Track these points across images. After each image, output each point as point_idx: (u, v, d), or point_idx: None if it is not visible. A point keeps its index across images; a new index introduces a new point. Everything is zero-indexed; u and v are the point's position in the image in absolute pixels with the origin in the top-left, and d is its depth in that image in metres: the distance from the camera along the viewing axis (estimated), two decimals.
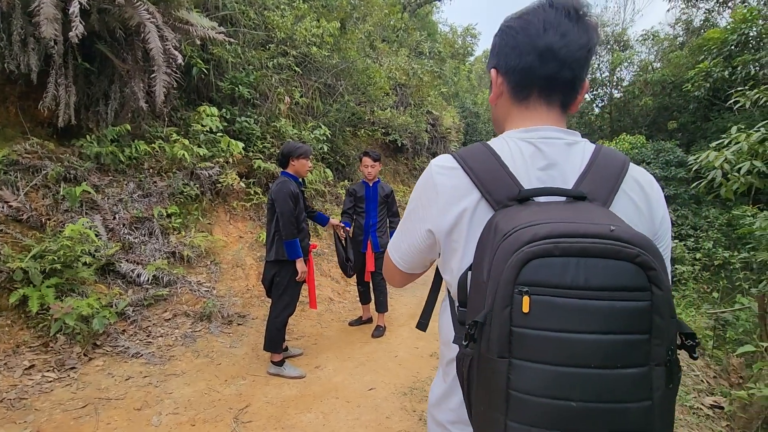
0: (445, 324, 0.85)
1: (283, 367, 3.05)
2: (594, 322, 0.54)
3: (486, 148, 0.76)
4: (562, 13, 0.73)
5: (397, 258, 0.91)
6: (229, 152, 5.08)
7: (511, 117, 0.82)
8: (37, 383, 2.54)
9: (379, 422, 2.56)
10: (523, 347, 0.56)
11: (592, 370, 0.54)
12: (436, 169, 0.79)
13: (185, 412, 2.49)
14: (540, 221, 0.59)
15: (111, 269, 3.64)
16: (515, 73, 0.78)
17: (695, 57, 10.67)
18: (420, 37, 12.84)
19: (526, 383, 0.55)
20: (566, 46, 0.73)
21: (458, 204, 0.74)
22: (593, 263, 0.55)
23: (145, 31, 3.77)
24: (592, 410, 0.54)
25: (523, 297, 0.55)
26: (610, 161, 0.74)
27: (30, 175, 3.59)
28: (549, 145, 0.75)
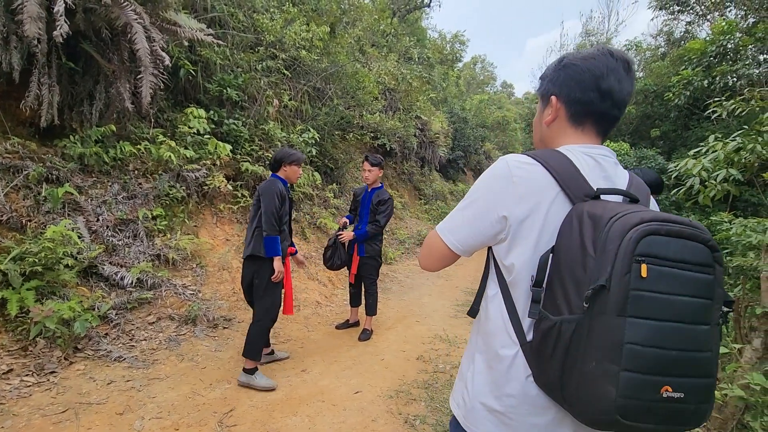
0: (495, 312, 0.95)
1: (254, 376, 2.90)
2: (689, 287, 0.71)
3: (560, 154, 0.91)
4: (621, 63, 0.91)
5: (453, 241, 0.98)
6: (216, 154, 5.05)
7: (567, 136, 0.98)
8: (15, 388, 2.48)
9: (365, 425, 2.56)
10: (639, 306, 0.69)
11: (686, 325, 0.71)
12: (515, 163, 0.90)
13: (169, 416, 2.46)
14: (637, 209, 0.75)
15: (94, 272, 3.58)
16: (577, 104, 0.95)
17: (676, 67, 10.98)
18: (409, 42, 12.95)
19: (640, 336, 0.69)
20: (620, 91, 0.91)
21: (538, 195, 0.87)
22: (684, 243, 0.72)
23: (131, 31, 3.74)
24: (683, 358, 0.71)
25: (641, 265, 0.69)
26: (641, 182, 0.97)
27: (10, 176, 3.52)
28: (604, 161, 0.93)
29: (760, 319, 2.77)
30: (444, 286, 6.26)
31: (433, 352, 3.79)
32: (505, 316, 0.92)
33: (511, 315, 0.91)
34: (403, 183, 12.25)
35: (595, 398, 0.71)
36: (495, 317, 0.94)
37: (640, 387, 0.68)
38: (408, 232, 9.65)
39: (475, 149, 17.34)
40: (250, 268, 3.00)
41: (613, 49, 0.93)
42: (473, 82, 28.05)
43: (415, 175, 12.86)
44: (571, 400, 0.77)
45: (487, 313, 0.97)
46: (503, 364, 0.90)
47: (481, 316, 1.01)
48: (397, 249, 8.35)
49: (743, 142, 3.62)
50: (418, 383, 3.17)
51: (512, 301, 0.91)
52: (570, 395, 0.77)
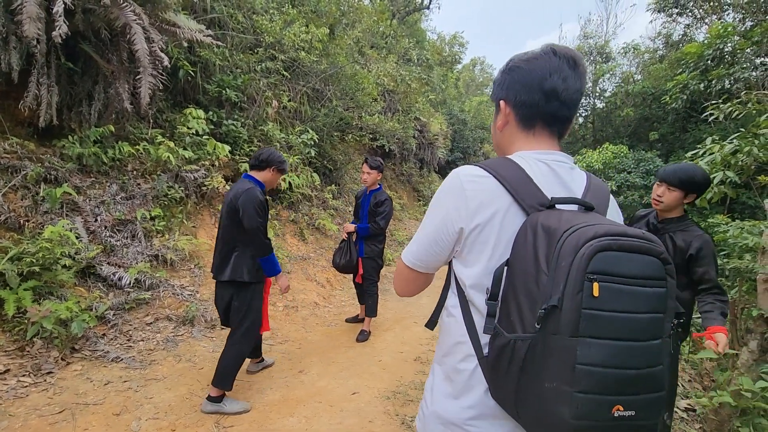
0: (454, 325, 0.93)
1: (222, 404, 2.55)
2: (641, 303, 0.70)
3: (512, 163, 0.90)
4: (564, 61, 0.89)
5: (412, 260, 0.98)
6: (215, 155, 5.05)
7: (519, 141, 0.97)
8: (12, 388, 2.48)
9: (362, 426, 2.56)
10: (591, 326, 0.67)
11: (641, 342, 0.70)
12: (465, 177, 0.90)
13: (166, 417, 2.46)
14: (590, 222, 0.73)
15: (91, 272, 3.57)
16: (523, 107, 0.93)
17: (674, 70, 11.04)
18: (408, 44, 12.98)
19: (592, 357, 0.67)
20: (566, 89, 0.89)
21: (490, 206, 0.86)
22: (638, 257, 0.70)
23: (131, 32, 3.74)
24: (641, 375, 0.70)
25: (593, 284, 0.67)
26: (599, 184, 0.95)
27: (9, 176, 3.52)
28: (559, 167, 0.91)
29: (756, 321, 2.79)
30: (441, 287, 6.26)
31: (430, 354, 3.79)
32: (464, 332, 0.90)
33: (469, 328, 0.90)
34: (401, 184, 12.27)
35: (549, 418, 0.71)
36: (454, 330, 0.93)
37: (593, 408, 0.68)
38: (407, 234, 9.66)
39: (474, 151, 17.38)
40: (228, 290, 2.59)
41: (558, 47, 0.91)
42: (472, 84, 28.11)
43: (414, 177, 12.88)
44: (526, 418, 0.77)
45: (448, 326, 0.96)
46: (462, 377, 0.89)
47: (442, 328, 1.00)
48: (396, 250, 8.35)
49: (740, 144, 3.64)
50: (416, 384, 3.17)
51: (470, 314, 0.90)
52: (525, 413, 0.76)
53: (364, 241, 4.00)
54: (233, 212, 2.54)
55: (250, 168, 2.79)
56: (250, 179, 2.69)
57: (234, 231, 2.57)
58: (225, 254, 2.58)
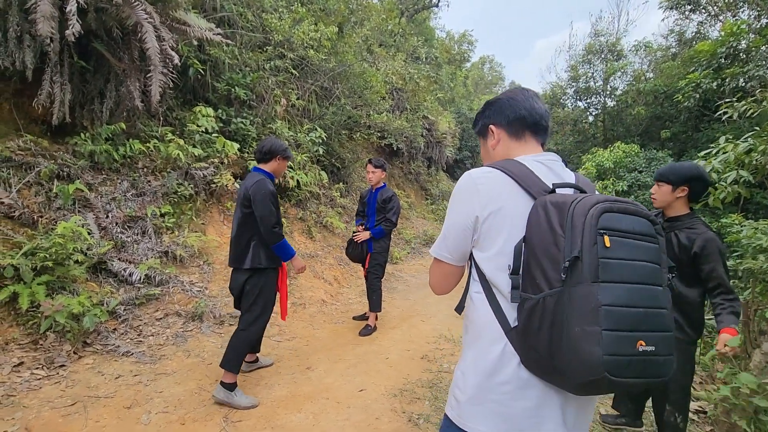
0: (480, 310, 1.04)
1: (233, 393, 2.61)
2: (642, 253, 0.87)
3: (515, 161, 1.07)
4: (530, 93, 1.17)
5: (444, 254, 1.12)
6: (224, 153, 5.09)
7: (513, 151, 1.14)
8: (26, 380, 2.53)
9: (369, 423, 2.57)
10: (608, 272, 0.82)
11: (647, 285, 0.86)
12: (477, 173, 1.06)
13: (175, 410, 2.49)
14: (589, 195, 0.91)
15: (103, 268, 3.62)
16: (513, 121, 1.14)
17: (687, 68, 10.86)
18: (417, 42, 12.94)
19: (612, 298, 0.81)
20: (540, 107, 1.14)
21: (501, 195, 1.01)
22: (632, 218, 0.89)
23: (142, 30, 3.78)
24: (651, 314, 0.85)
25: (604, 237, 0.84)
26: (586, 179, 1.13)
27: (23, 172, 3.58)
28: (553, 165, 1.09)
29: None
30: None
31: (437, 352, 3.79)
32: (490, 312, 1.01)
33: (495, 309, 1.01)
34: (409, 183, 12.25)
35: (584, 359, 0.80)
36: (481, 314, 1.03)
37: (620, 343, 0.79)
38: (414, 232, 9.65)
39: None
40: (243, 275, 2.69)
41: (521, 87, 1.23)
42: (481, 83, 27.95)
43: (421, 175, 12.86)
44: (562, 366, 0.85)
45: (474, 312, 1.06)
46: (493, 356, 0.99)
47: (468, 315, 1.10)
48: (403, 249, 8.35)
49: (754, 143, 3.57)
50: (423, 382, 3.17)
51: (494, 295, 1.02)
52: (561, 362, 0.85)
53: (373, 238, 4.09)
54: (246, 204, 2.65)
55: (257, 162, 2.87)
56: (260, 172, 2.79)
57: (249, 222, 2.67)
58: (243, 245, 2.68)
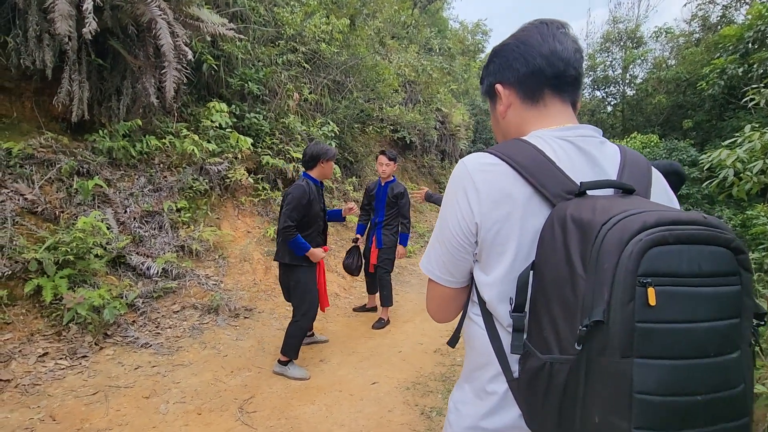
0: (479, 340, 0.81)
1: (287, 367, 2.99)
2: (709, 309, 0.55)
3: (527, 144, 0.76)
4: (554, 28, 0.82)
5: (438, 274, 0.85)
6: (238, 148, 5.14)
7: (529, 121, 0.84)
8: (50, 370, 2.62)
9: (381, 415, 2.58)
10: (648, 343, 0.54)
11: (711, 359, 0.55)
12: (474, 165, 0.77)
13: (192, 401, 2.55)
14: (633, 210, 0.59)
15: (122, 261, 3.71)
16: (525, 78, 0.82)
17: (711, 54, 10.48)
18: (430, 33, 12.79)
19: (653, 382, 0.53)
20: (565, 49, 0.80)
21: (507, 199, 0.73)
22: (699, 249, 0.55)
23: (156, 27, 3.82)
24: (714, 401, 0.55)
25: (648, 289, 0.53)
26: (637, 158, 0.79)
27: (44, 169, 3.68)
28: (586, 142, 0.77)
29: None
30: None
31: None
32: (488, 345, 0.79)
33: (494, 345, 0.78)
34: (423, 176, 12.19)
35: None
36: (478, 345, 0.81)
37: None
38: (427, 226, 9.61)
39: (497, 142, 17.05)
40: (286, 274, 3.05)
41: (544, 19, 0.84)
42: None
43: (435, 168, 12.77)
44: None
45: (472, 339, 0.84)
46: (492, 399, 0.79)
47: (466, 341, 0.88)
48: (417, 242, 8.33)
49: None
50: (435, 376, 3.17)
51: (495, 328, 0.78)
52: None
53: (382, 232, 4.05)
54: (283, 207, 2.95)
55: (305, 168, 3.11)
56: (306, 177, 3.04)
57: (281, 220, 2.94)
58: (280, 242, 2.97)
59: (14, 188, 3.41)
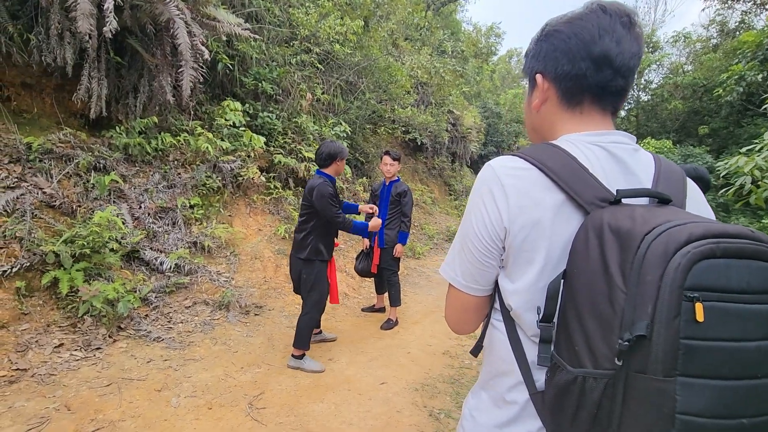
0: (500, 347, 0.79)
1: (302, 361, 3.07)
2: (758, 327, 0.52)
3: (559, 150, 0.73)
4: (617, 19, 0.73)
5: (460, 281, 0.81)
6: (251, 146, 5.19)
7: (563, 123, 0.80)
8: (66, 361, 2.66)
9: (390, 416, 2.58)
10: (694, 362, 0.51)
11: (759, 380, 0.52)
12: (503, 170, 0.74)
13: (203, 395, 2.57)
14: (677, 221, 0.56)
15: (135, 256, 3.77)
16: (567, 79, 0.76)
17: (729, 60, 10.31)
18: (443, 35, 12.78)
19: (698, 404, 0.51)
20: (621, 53, 0.72)
21: (537, 206, 0.70)
22: (747, 264, 0.53)
23: (174, 26, 3.88)
24: (759, 425, 0.52)
25: (695, 304, 0.51)
26: (671, 167, 0.76)
27: (63, 164, 3.75)
28: (619, 149, 0.73)
29: None
30: None
31: (459, 348, 3.76)
32: (510, 354, 0.76)
33: (517, 355, 0.75)
34: (433, 178, 12.17)
35: None
36: (500, 354, 0.79)
37: None
38: (437, 228, 9.59)
39: (508, 145, 16.97)
40: (299, 266, 3.06)
41: (606, 3, 0.74)
42: (508, 77, 27.38)
43: (445, 171, 12.75)
44: None
45: (492, 347, 0.82)
46: (511, 409, 0.76)
47: (486, 348, 0.85)
48: (426, 244, 8.32)
49: None
50: (444, 378, 3.16)
51: (517, 338, 0.76)
52: None
53: (384, 231, 4.05)
54: (308, 200, 3.02)
55: (319, 167, 3.16)
56: (322, 174, 3.10)
57: (307, 216, 3.04)
58: (302, 237, 3.04)
59: (33, 182, 3.48)
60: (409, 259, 7.04)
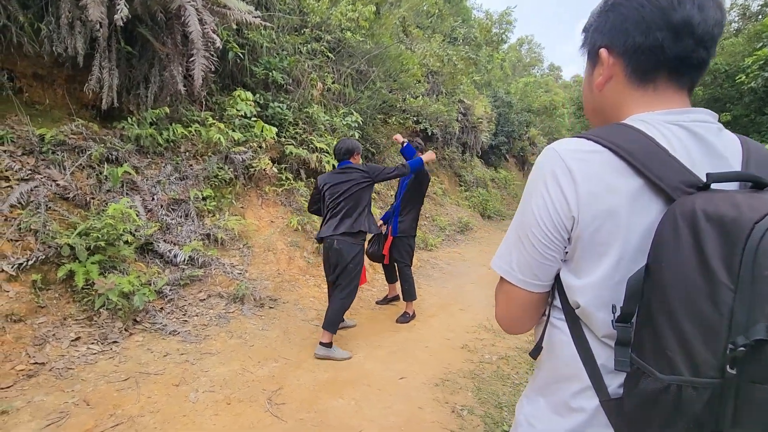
0: (561, 349, 0.72)
1: (332, 349, 3.11)
2: None
3: (632, 130, 0.65)
4: None
5: (518, 275, 0.73)
6: (262, 137, 5.11)
7: (631, 102, 0.71)
8: (83, 354, 2.64)
9: (411, 412, 2.52)
10: None
11: None
12: (570, 153, 0.66)
13: (221, 390, 2.54)
14: None
15: (150, 248, 3.74)
16: (639, 53, 0.67)
17: (752, 45, 9.95)
18: (454, 22, 12.53)
19: None
20: (704, 20, 0.63)
21: (612, 192, 0.62)
22: None
23: (185, 14, 3.80)
24: None
25: None
26: (759, 148, 0.68)
27: (75, 155, 3.71)
28: (704, 129, 0.65)
29: None
30: (487, 275, 6.09)
31: (478, 342, 3.69)
32: (575, 356, 0.69)
33: (583, 357, 0.68)
34: (443, 169, 12.02)
35: None
36: (563, 356, 0.71)
37: None
38: (448, 219, 9.48)
39: (519, 135, 16.70)
40: (352, 251, 3.13)
41: None
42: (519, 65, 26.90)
43: (456, 161, 12.58)
44: None
45: (552, 348, 0.74)
46: (578, 417, 0.69)
47: (546, 349, 0.77)
48: (438, 236, 8.22)
49: None
50: (464, 372, 3.09)
51: (584, 338, 0.68)
52: None
53: (398, 219, 3.99)
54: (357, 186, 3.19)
55: (338, 161, 3.41)
56: (349, 163, 3.33)
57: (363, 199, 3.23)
58: (351, 224, 3.14)
59: (47, 174, 3.45)
60: (421, 251, 6.95)
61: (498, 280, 0.80)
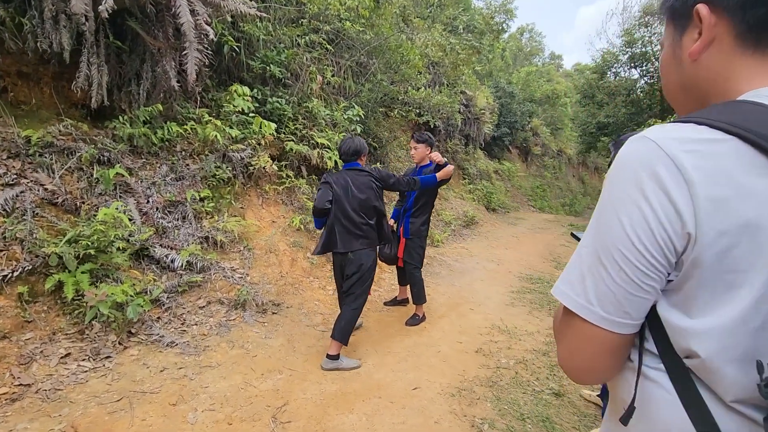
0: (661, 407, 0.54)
1: (340, 360, 2.94)
2: None
3: (761, 107, 0.48)
4: None
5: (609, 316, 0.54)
6: (261, 134, 4.90)
7: (745, 72, 0.54)
8: (73, 373, 2.46)
9: (428, 427, 2.34)
10: None
11: None
12: (675, 144, 0.49)
13: (222, 408, 2.35)
14: None
15: (145, 254, 3.55)
16: (758, 5, 0.51)
17: None
18: (454, 12, 12.23)
19: None
20: None
21: (747, 198, 0.45)
22: None
23: (175, 5, 3.58)
24: None
25: None
26: None
27: (65, 158, 3.51)
28: None
29: None
30: (496, 272, 5.89)
31: (492, 345, 3.49)
32: (685, 420, 0.51)
33: (698, 424, 0.50)
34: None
35: None
36: (662, 418, 0.54)
37: None
38: (453, 213, 9.27)
39: (522, 125, 16.41)
40: (369, 258, 2.99)
41: None
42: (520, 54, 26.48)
43: (459, 154, 12.33)
44: None
45: (648, 410, 0.55)
46: None
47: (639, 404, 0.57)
48: (444, 231, 8.02)
49: None
50: (481, 380, 2.90)
51: (700, 399, 0.51)
52: None
53: (410, 221, 3.80)
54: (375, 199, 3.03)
55: (344, 161, 3.19)
56: (358, 165, 3.13)
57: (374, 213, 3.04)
58: (368, 228, 3.00)
59: (34, 178, 3.26)
60: (428, 247, 6.74)
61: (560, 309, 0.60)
